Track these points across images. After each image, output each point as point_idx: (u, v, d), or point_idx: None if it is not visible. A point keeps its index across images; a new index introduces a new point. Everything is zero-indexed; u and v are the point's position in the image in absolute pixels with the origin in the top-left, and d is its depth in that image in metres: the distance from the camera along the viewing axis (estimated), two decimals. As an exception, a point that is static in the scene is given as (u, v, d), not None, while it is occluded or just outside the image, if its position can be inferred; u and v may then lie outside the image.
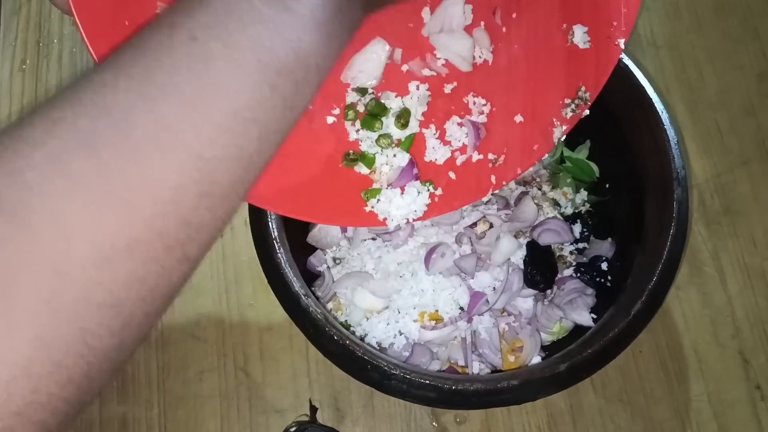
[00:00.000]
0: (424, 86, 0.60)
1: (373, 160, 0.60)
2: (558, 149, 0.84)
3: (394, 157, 0.60)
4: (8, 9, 1.00)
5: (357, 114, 0.60)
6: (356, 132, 0.60)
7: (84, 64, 0.97)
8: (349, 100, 0.60)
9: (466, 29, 0.59)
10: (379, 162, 0.60)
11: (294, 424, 0.80)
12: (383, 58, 0.58)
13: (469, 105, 0.61)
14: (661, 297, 0.66)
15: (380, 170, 0.60)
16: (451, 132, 0.60)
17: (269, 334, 0.84)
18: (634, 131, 0.75)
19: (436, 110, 0.61)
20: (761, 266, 0.88)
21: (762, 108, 0.95)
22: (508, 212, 0.76)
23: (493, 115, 0.60)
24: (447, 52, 0.59)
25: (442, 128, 0.61)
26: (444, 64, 0.60)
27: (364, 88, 0.59)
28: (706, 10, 1.00)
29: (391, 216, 0.59)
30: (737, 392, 0.82)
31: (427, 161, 0.61)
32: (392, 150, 0.60)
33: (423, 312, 0.73)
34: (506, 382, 0.63)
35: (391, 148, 0.59)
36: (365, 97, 0.60)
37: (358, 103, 0.60)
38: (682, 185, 0.68)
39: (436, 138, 0.60)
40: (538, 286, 0.74)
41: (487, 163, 0.60)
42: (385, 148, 0.59)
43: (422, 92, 0.60)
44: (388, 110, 0.59)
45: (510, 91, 0.60)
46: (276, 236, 0.67)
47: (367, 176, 0.60)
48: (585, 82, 0.57)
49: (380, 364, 0.63)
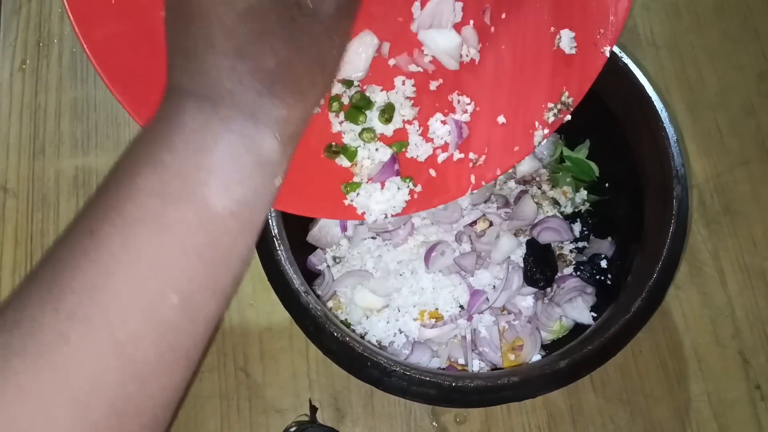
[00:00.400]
0: (410, 81, 0.60)
1: (355, 153, 0.59)
2: (558, 149, 0.84)
3: (376, 152, 0.59)
4: (8, 9, 1.00)
5: (341, 106, 0.59)
6: (339, 124, 0.60)
7: (84, 64, 0.97)
8: (334, 91, 0.59)
9: (455, 27, 0.59)
10: (360, 156, 0.59)
11: (294, 423, 0.80)
12: (371, 51, 0.58)
13: (454, 103, 0.61)
14: (660, 295, 0.66)
15: (361, 164, 0.60)
16: (434, 129, 0.60)
17: (269, 333, 0.84)
18: (634, 131, 0.75)
19: (420, 107, 0.61)
20: (761, 266, 0.88)
21: (762, 108, 0.95)
22: (507, 211, 0.76)
23: (476, 114, 0.60)
24: (435, 48, 0.59)
25: (425, 125, 0.61)
26: (431, 60, 0.60)
27: (350, 80, 0.59)
28: (706, 10, 1.01)
29: (369, 210, 0.59)
30: (737, 392, 0.82)
31: (408, 157, 0.61)
32: (374, 144, 0.60)
33: (423, 310, 0.73)
34: (506, 379, 0.63)
35: (373, 143, 0.59)
36: (351, 89, 0.59)
37: (343, 94, 0.60)
38: (682, 184, 0.68)
39: (419, 135, 0.60)
40: (538, 284, 0.74)
41: (468, 162, 0.60)
42: (367, 142, 0.59)
43: (408, 87, 0.60)
44: (373, 104, 0.59)
45: (495, 91, 0.60)
46: (276, 234, 0.67)
47: (348, 169, 0.60)
48: (569, 87, 0.58)
49: (380, 361, 0.63)
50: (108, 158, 0.92)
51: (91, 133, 0.94)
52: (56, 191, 0.91)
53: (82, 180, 0.91)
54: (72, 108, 0.95)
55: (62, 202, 0.90)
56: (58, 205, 0.90)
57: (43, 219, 0.89)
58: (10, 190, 0.91)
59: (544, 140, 0.59)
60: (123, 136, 0.94)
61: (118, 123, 0.94)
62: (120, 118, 0.94)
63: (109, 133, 0.94)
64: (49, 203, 0.90)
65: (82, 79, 0.97)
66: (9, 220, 0.89)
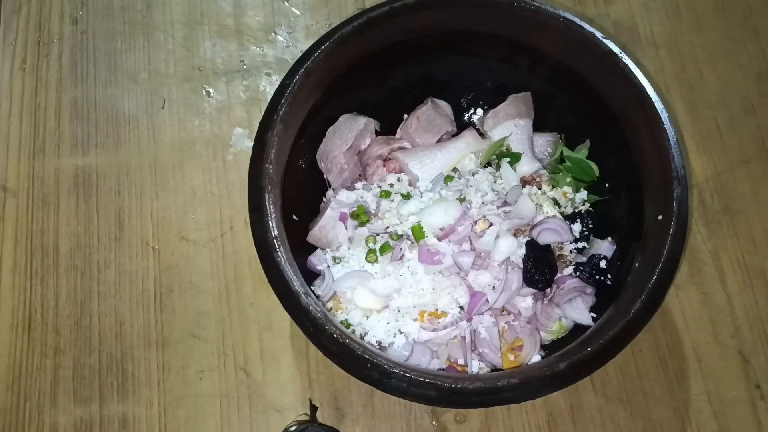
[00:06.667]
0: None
1: None
2: (558, 149, 0.84)
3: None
4: (8, 8, 1.00)
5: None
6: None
7: (84, 64, 0.97)
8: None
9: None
10: None
11: (294, 423, 0.80)
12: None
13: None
14: (660, 296, 0.66)
15: None
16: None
17: (269, 333, 0.84)
18: (634, 131, 0.75)
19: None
20: (761, 265, 0.88)
21: (762, 107, 0.95)
22: (506, 209, 0.76)
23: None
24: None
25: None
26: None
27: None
28: (705, 10, 1.01)
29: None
30: (737, 391, 0.82)
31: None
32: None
33: (423, 311, 0.73)
34: (506, 380, 0.63)
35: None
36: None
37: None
38: (682, 185, 0.68)
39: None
40: (538, 285, 0.74)
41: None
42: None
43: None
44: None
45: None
46: (276, 235, 0.67)
47: None
48: None
49: (380, 363, 0.63)
50: (108, 158, 0.92)
51: (92, 132, 0.94)
52: (56, 190, 0.91)
53: (82, 179, 0.91)
54: (72, 107, 0.95)
55: (62, 202, 0.90)
56: (58, 204, 0.90)
57: (43, 218, 0.89)
58: (10, 190, 0.91)
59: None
60: (123, 135, 0.94)
61: (118, 122, 0.94)
62: (120, 118, 0.94)
63: (109, 133, 0.94)
64: (49, 203, 0.90)
65: (82, 78, 0.96)
66: (9, 219, 0.89)
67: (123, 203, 0.90)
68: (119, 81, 0.97)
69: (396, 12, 0.76)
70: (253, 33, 1.00)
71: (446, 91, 0.88)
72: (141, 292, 0.86)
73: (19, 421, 0.81)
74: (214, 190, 0.91)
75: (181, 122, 0.94)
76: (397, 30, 0.78)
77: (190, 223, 0.89)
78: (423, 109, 0.86)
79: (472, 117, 0.90)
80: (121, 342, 0.84)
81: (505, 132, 0.83)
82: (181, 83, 0.96)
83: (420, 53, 0.83)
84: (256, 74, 0.97)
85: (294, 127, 0.76)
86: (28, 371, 0.83)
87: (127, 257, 0.88)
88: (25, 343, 0.84)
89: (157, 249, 0.88)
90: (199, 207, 0.90)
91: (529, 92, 0.85)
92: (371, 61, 0.79)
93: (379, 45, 0.79)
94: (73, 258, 0.88)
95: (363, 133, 0.83)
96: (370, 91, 0.85)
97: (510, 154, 0.82)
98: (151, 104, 0.95)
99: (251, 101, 0.96)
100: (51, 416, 0.81)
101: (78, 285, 0.86)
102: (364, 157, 0.84)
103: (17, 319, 0.85)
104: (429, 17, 0.78)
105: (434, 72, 0.86)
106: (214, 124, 0.94)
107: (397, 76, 0.85)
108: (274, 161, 0.70)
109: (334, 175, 0.83)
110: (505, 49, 0.82)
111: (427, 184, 0.80)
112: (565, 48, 0.78)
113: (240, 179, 0.91)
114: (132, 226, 0.89)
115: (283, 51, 0.99)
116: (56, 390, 0.82)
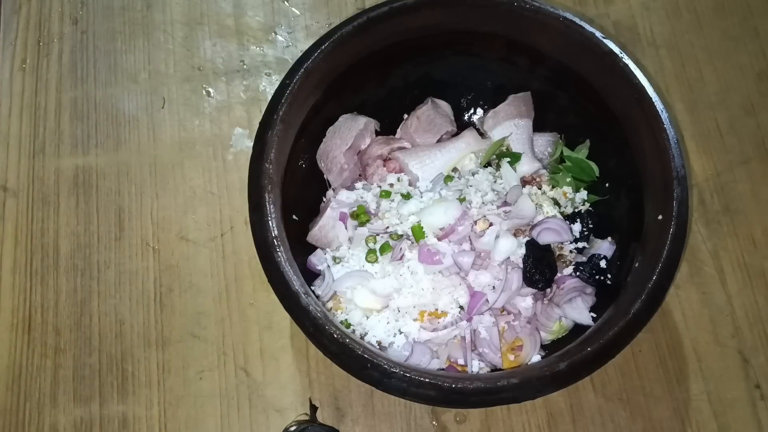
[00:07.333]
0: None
1: None
2: (558, 149, 0.84)
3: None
4: (8, 8, 1.00)
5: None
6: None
7: (84, 64, 0.97)
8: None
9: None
10: None
11: (294, 423, 0.80)
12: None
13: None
14: (660, 296, 0.66)
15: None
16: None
17: (269, 333, 0.84)
18: (634, 131, 0.75)
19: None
20: (761, 265, 0.88)
21: (762, 107, 0.95)
22: (506, 209, 0.76)
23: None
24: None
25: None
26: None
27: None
28: (705, 10, 1.01)
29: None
30: (737, 391, 0.82)
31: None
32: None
33: (423, 311, 0.73)
34: (506, 380, 0.63)
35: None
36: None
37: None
38: (682, 185, 0.68)
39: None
40: (538, 285, 0.74)
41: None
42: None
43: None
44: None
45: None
46: (276, 235, 0.67)
47: None
48: None
49: (380, 363, 0.63)
50: (108, 158, 0.92)
51: (91, 132, 0.94)
52: (56, 190, 0.91)
53: (82, 179, 0.91)
54: (72, 107, 0.95)
55: (62, 202, 0.90)
56: (58, 204, 0.90)
57: (43, 218, 0.89)
58: (10, 190, 0.91)
59: None
60: (123, 135, 0.94)
61: (118, 122, 0.94)
62: (120, 118, 0.94)
63: (109, 133, 0.94)
64: (49, 202, 0.90)
65: (82, 78, 0.96)
66: (9, 219, 0.89)
67: (123, 203, 0.90)
68: (119, 81, 0.97)
69: (396, 12, 0.76)
70: (253, 33, 1.00)
71: (446, 91, 0.88)
72: (141, 292, 0.86)
73: (19, 421, 0.81)
74: (214, 190, 0.91)
75: (181, 122, 0.94)
76: (397, 30, 0.78)
77: (190, 223, 0.89)
78: (423, 109, 0.86)
79: (472, 117, 0.90)
80: (121, 342, 0.84)
81: (505, 132, 0.83)
82: (181, 83, 0.96)
83: (420, 53, 0.83)
84: (256, 74, 0.97)
85: (294, 127, 0.76)
86: (28, 371, 0.83)
87: (127, 257, 0.88)
88: (25, 343, 0.84)
89: (157, 249, 0.88)
90: (199, 207, 0.90)
91: (529, 92, 0.85)
92: (371, 61, 0.80)
93: (378, 45, 0.79)
94: (73, 258, 0.88)
95: (363, 133, 0.83)
96: (370, 91, 0.85)
97: (510, 154, 0.82)
98: (151, 104, 0.95)
99: (251, 101, 0.96)
100: (51, 416, 0.81)
101: (78, 285, 0.87)
102: (364, 157, 0.84)
103: (17, 319, 0.85)
104: (429, 17, 0.78)
105: (434, 72, 0.86)
106: (214, 124, 0.94)
107: (397, 76, 0.85)
108: (274, 161, 0.70)
109: (334, 175, 0.83)
110: (505, 49, 0.82)
111: (427, 184, 0.80)
112: (565, 48, 0.78)
113: (240, 179, 0.91)
114: (132, 226, 0.89)
115: (283, 51, 0.99)
116: (56, 390, 0.82)
